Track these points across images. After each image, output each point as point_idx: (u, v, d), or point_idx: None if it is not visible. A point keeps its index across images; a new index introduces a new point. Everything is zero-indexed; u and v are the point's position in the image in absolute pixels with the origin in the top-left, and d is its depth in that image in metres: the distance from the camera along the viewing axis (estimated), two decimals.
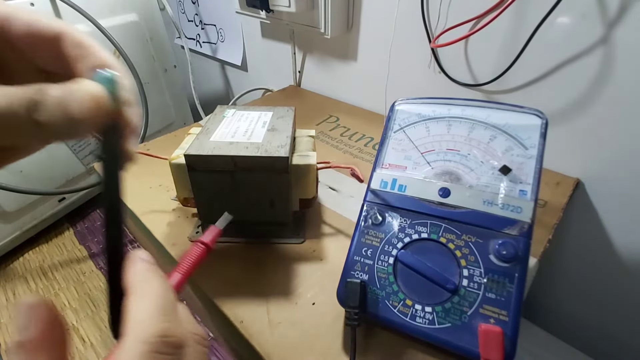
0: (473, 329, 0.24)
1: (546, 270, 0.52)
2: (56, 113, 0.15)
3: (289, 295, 0.32)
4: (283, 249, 0.36)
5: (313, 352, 0.28)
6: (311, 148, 0.36)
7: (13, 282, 0.78)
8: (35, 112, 0.15)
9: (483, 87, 0.48)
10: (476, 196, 0.27)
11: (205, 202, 0.34)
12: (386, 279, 0.27)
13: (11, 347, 0.15)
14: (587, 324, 0.53)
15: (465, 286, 0.25)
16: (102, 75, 0.17)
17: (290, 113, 0.38)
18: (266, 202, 0.34)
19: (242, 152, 0.31)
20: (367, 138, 0.55)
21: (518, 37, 0.42)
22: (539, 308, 0.57)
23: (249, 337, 0.29)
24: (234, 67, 0.93)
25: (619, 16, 0.35)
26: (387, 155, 0.31)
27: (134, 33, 0.82)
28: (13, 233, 0.80)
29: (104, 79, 0.17)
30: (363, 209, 0.30)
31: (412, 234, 0.28)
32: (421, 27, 0.49)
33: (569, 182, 0.44)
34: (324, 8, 0.54)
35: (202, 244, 0.24)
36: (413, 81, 0.55)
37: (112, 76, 0.17)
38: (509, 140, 0.27)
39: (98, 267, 0.81)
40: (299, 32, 0.69)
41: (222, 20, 0.84)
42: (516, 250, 0.25)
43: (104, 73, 0.17)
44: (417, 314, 0.26)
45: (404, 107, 0.32)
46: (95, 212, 0.95)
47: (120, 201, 0.18)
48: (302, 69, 0.74)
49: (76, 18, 0.69)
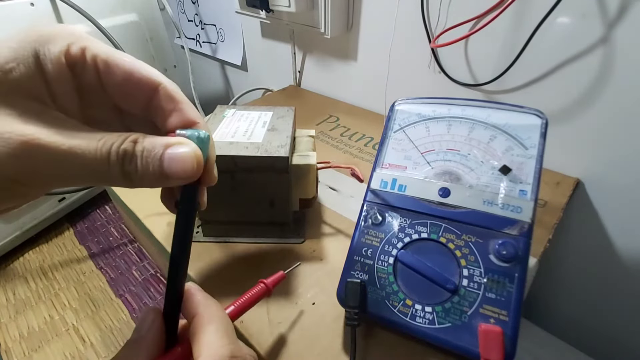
0: (473, 329, 0.24)
1: (546, 270, 0.52)
2: (150, 168, 0.16)
3: (289, 295, 0.32)
4: (283, 249, 0.36)
5: (313, 352, 0.28)
6: (311, 148, 0.36)
7: (13, 282, 0.78)
8: (128, 164, 0.15)
9: (483, 87, 0.48)
10: (476, 196, 0.27)
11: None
12: (386, 279, 0.27)
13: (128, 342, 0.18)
14: (587, 323, 0.53)
15: (465, 286, 0.25)
16: (198, 135, 0.17)
17: (290, 113, 0.38)
18: (266, 202, 0.34)
19: (242, 152, 0.31)
20: (367, 138, 0.55)
21: (518, 37, 0.42)
22: (539, 308, 0.57)
23: (249, 337, 0.29)
24: (234, 67, 0.93)
25: (619, 16, 0.35)
26: (387, 155, 0.31)
27: (134, 33, 0.82)
28: (13, 233, 0.80)
29: (199, 139, 0.17)
30: (363, 209, 0.30)
31: (412, 233, 0.28)
32: (421, 27, 0.49)
33: (569, 182, 0.44)
34: (324, 8, 0.54)
35: (264, 284, 0.26)
36: (413, 81, 0.55)
37: (206, 137, 0.18)
38: (509, 140, 0.27)
39: (98, 267, 0.81)
40: (299, 32, 0.69)
41: (222, 20, 0.84)
42: (516, 250, 0.25)
43: (200, 134, 0.17)
44: (417, 314, 0.26)
45: (404, 107, 0.32)
46: (95, 212, 0.95)
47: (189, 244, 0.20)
48: (302, 69, 0.74)
49: (76, 18, 0.69)
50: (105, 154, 0.15)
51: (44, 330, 0.69)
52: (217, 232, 0.36)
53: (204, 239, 0.36)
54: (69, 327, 0.69)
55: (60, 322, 0.70)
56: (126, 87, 0.17)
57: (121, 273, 0.79)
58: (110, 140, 0.15)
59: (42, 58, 0.15)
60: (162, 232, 0.38)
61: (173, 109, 0.18)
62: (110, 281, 0.77)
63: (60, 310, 0.72)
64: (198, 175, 0.17)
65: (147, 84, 0.17)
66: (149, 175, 0.16)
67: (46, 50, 0.15)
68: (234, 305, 0.24)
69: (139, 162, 0.15)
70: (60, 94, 0.16)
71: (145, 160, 0.15)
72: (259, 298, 0.25)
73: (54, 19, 0.69)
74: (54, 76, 0.16)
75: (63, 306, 0.73)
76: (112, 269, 0.80)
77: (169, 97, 0.18)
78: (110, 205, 0.97)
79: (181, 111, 0.18)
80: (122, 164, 0.15)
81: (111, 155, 0.15)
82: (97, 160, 0.15)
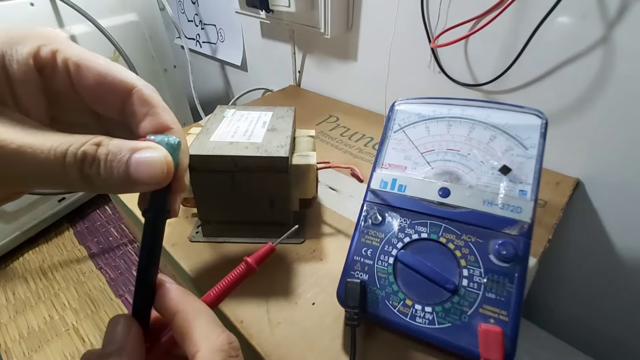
0: (473, 329, 0.24)
1: (546, 270, 0.52)
2: (114, 172, 0.15)
3: (289, 295, 0.32)
4: (283, 249, 0.36)
5: (313, 352, 0.28)
6: (311, 148, 0.36)
7: (13, 282, 0.78)
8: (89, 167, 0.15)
9: (483, 87, 0.48)
10: (476, 196, 0.27)
11: (205, 202, 0.34)
12: (386, 279, 0.27)
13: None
14: (587, 323, 0.53)
15: (465, 286, 0.25)
16: (167, 141, 0.17)
17: (290, 113, 0.38)
18: (266, 202, 0.34)
19: (242, 152, 0.31)
20: (367, 138, 0.55)
21: (518, 37, 0.42)
22: (539, 308, 0.57)
23: (249, 337, 0.29)
24: (233, 67, 0.93)
25: (619, 16, 0.35)
26: (387, 155, 0.31)
27: (134, 33, 0.82)
28: (13, 233, 0.80)
29: (168, 144, 0.17)
30: (363, 209, 0.30)
31: (412, 234, 0.28)
32: (421, 27, 0.49)
33: (569, 182, 0.44)
34: (324, 8, 0.54)
35: (245, 262, 0.23)
36: (413, 81, 0.55)
37: (176, 143, 0.17)
38: (509, 140, 0.27)
39: (98, 267, 0.81)
40: (299, 32, 0.69)
41: (222, 20, 0.84)
42: (516, 250, 0.25)
43: (170, 139, 0.17)
44: (417, 314, 0.26)
45: (404, 107, 0.32)
46: (95, 212, 0.95)
47: (159, 251, 0.19)
48: (302, 69, 0.74)
49: (76, 18, 0.69)
50: (59, 155, 0.14)
51: (43, 330, 0.69)
52: (217, 232, 0.36)
53: (203, 239, 0.36)
54: (69, 327, 0.69)
55: (60, 322, 0.70)
56: (99, 90, 0.17)
57: (121, 273, 0.79)
58: (69, 141, 0.15)
59: (8, 59, 0.15)
60: None
61: (147, 113, 0.18)
62: (110, 281, 0.77)
63: (60, 311, 0.72)
64: (167, 181, 0.17)
65: (121, 87, 0.17)
66: (113, 179, 0.15)
67: (13, 52, 0.15)
68: (212, 292, 0.22)
69: (102, 165, 0.15)
70: (25, 95, 0.16)
71: (109, 164, 0.15)
72: (240, 278, 0.23)
73: (54, 19, 0.69)
74: (18, 77, 0.15)
75: (63, 306, 0.73)
76: (112, 269, 0.80)
77: (143, 100, 0.18)
78: (110, 205, 0.97)
79: (155, 115, 0.18)
80: (81, 166, 0.15)
81: (67, 157, 0.14)
82: (49, 161, 0.14)
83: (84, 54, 0.17)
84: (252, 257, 0.23)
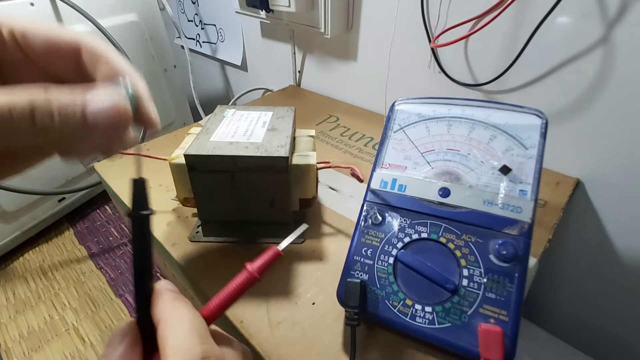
0: (473, 329, 0.24)
1: (546, 270, 0.52)
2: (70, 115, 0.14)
3: (289, 295, 0.32)
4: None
5: (313, 352, 0.28)
6: (311, 148, 0.36)
7: (13, 282, 0.78)
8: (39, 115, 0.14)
9: (483, 87, 0.48)
10: (476, 196, 0.27)
11: (205, 202, 0.34)
12: (386, 279, 0.27)
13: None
14: (587, 323, 0.53)
15: (465, 286, 0.25)
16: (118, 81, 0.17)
17: (290, 113, 0.38)
18: (266, 202, 0.34)
19: (242, 152, 0.31)
20: (367, 138, 0.55)
21: (518, 37, 0.42)
22: (539, 308, 0.57)
23: (249, 337, 0.29)
24: (233, 67, 0.93)
25: (619, 16, 0.35)
26: (387, 155, 0.31)
27: (134, 33, 0.82)
28: (13, 233, 0.80)
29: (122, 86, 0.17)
30: (363, 209, 0.30)
31: (412, 233, 0.28)
32: (421, 27, 0.49)
33: (569, 182, 0.44)
34: (324, 8, 0.54)
35: (247, 272, 0.21)
36: (413, 81, 0.55)
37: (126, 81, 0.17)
38: (509, 140, 0.27)
39: (98, 267, 0.81)
40: (298, 32, 0.69)
41: (222, 20, 0.84)
42: (516, 250, 0.25)
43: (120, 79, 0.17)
44: (417, 314, 0.26)
45: (404, 107, 0.32)
46: (95, 212, 0.95)
47: (151, 252, 0.19)
48: (302, 69, 0.74)
49: (76, 18, 0.69)
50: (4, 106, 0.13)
51: (43, 330, 0.69)
52: (217, 232, 0.36)
53: (204, 239, 0.36)
54: (69, 327, 0.69)
55: (60, 322, 0.70)
56: (49, 54, 0.17)
57: (121, 273, 0.79)
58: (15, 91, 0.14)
59: None
60: (162, 232, 0.38)
61: (98, 64, 0.17)
62: (110, 281, 0.77)
63: (60, 310, 0.72)
64: (128, 115, 0.16)
65: (68, 47, 0.17)
66: (70, 124, 0.14)
67: None
68: (212, 304, 0.21)
69: (55, 109, 0.14)
70: None
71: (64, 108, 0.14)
72: (245, 288, 0.21)
73: (54, 19, 0.69)
74: None
75: (63, 306, 0.73)
76: (112, 269, 0.80)
77: (92, 53, 0.17)
78: (110, 205, 0.97)
79: (107, 64, 0.17)
80: (32, 114, 0.14)
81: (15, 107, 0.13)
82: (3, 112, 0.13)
83: (28, 24, 0.17)
84: (258, 266, 0.21)
